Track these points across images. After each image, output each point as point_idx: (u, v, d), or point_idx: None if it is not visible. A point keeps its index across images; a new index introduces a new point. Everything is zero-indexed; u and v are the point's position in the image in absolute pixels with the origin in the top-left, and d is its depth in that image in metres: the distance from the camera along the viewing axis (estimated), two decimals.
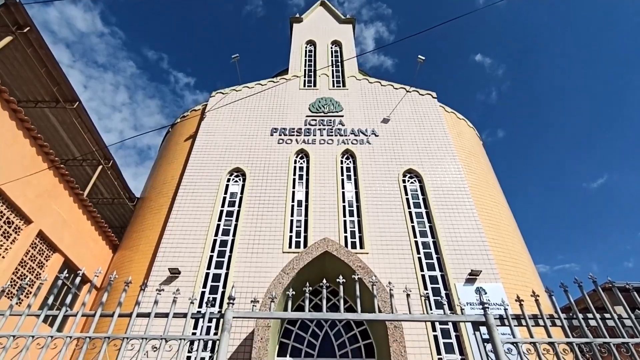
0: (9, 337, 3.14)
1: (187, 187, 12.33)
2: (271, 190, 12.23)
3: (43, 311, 3.35)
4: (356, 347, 8.95)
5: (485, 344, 3.27)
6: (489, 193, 12.84)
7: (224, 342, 3.20)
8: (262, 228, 11.17)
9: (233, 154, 13.36)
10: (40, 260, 9.44)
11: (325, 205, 11.77)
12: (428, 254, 10.70)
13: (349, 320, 8.87)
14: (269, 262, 10.29)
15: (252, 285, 9.72)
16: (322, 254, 9.15)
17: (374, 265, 9.82)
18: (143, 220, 12.33)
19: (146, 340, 3.16)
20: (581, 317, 3.28)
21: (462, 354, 8.80)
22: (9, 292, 8.18)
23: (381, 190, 12.20)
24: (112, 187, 14.23)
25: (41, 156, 9.48)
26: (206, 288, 9.98)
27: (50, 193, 9.74)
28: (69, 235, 10.27)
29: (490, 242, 10.91)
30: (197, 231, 11.11)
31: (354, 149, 13.46)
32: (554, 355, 3.10)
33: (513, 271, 10.46)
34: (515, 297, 3.43)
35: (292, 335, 9.12)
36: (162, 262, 10.35)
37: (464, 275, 10.01)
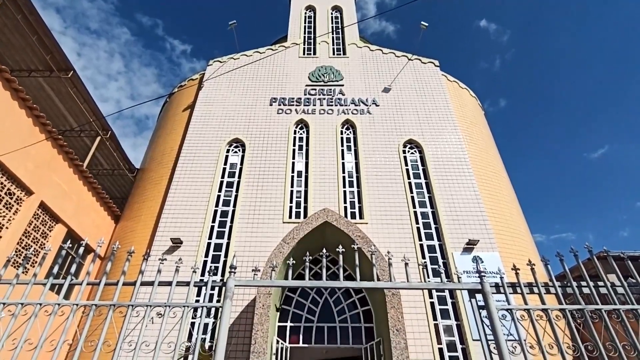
0: (17, 304, 3.23)
1: (186, 158, 12.30)
2: (271, 161, 12.21)
3: (49, 280, 3.42)
4: (355, 314, 9.24)
5: (480, 310, 3.36)
6: (489, 163, 12.83)
7: (227, 309, 3.29)
8: (262, 199, 11.24)
9: (232, 125, 13.23)
10: (44, 231, 9.56)
11: (325, 176, 11.79)
12: (427, 223, 10.83)
13: (348, 288, 9.09)
14: (269, 232, 10.43)
15: (253, 254, 9.91)
16: (322, 224, 9.25)
17: (373, 235, 9.97)
18: (144, 191, 12.39)
19: (151, 308, 3.25)
20: (575, 285, 3.35)
21: (457, 320, 9.09)
22: (14, 262, 8.35)
23: (381, 161, 12.18)
24: (111, 158, 14.19)
25: (38, 127, 9.38)
26: (208, 257, 10.17)
27: (49, 164, 9.72)
28: (70, 206, 10.35)
29: (489, 212, 11.01)
30: (197, 202, 11.19)
31: (354, 119, 13.32)
32: (546, 321, 3.19)
33: (510, 241, 10.63)
34: (511, 265, 3.50)
35: (293, 302, 9.38)
36: (164, 232, 10.49)
37: (462, 245, 10.18)
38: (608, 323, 3.12)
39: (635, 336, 3.06)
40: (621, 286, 3.37)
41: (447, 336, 8.87)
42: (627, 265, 3.51)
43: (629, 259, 3.56)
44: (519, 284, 3.45)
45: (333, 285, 3.71)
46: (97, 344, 3.00)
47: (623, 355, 2.99)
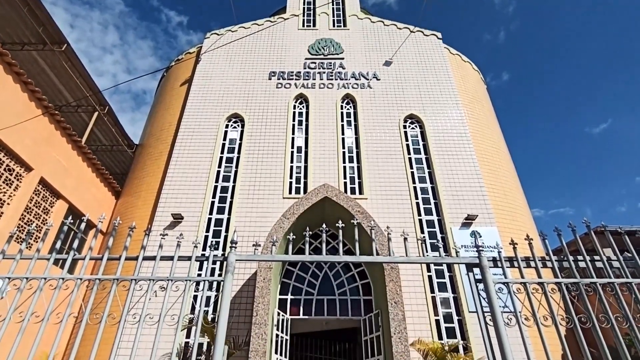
0: (22, 279, 3.28)
1: (185, 134, 12.21)
2: (270, 136, 12.13)
3: (52, 255, 3.47)
4: (354, 287, 9.44)
5: (477, 283, 3.42)
6: (489, 138, 12.75)
7: (228, 282, 3.36)
8: (262, 174, 11.25)
9: (231, 99, 13.06)
10: (45, 207, 9.62)
11: (325, 152, 11.74)
12: (426, 199, 10.89)
13: (348, 262, 9.24)
14: (269, 207, 10.49)
15: (253, 229, 10.01)
16: (322, 200, 9.30)
17: (372, 211, 10.03)
18: (143, 167, 12.38)
19: (153, 282, 3.31)
20: (571, 259, 3.40)
21: (454, 293, 9.30)
22: (17, 237, 8.44)
23: (381, 136, 12.10)
24: (109, 133, 14.09)
25: (34, 102, 9.26)
26: (209, 232, 10.28)
27: (47, 140, 9.66)
28: (71, 182, 10.36)
29: (488, 187, 11.05)
30: (197, 178, 11.20)
31: (354, 94, 13.14)
32: (542, 294, 3.26)
33: (508, 216, 10.71)
34: (509, 240, 3.54)
35: (293, 276, 9.56)
36: (164, 208, 10.55)
37: (460, 220, 10.26)
38: (602, 296, 3.19)
39: (628, 308, 3.13)
40: (617, 260, 3.42)
41: (444, 308, 9.09)
42: (624, 240, 3.55)
43: (626, 234, 3.60)
44: (516, 258, 3.50)
45: (333, 259, 3.76)
46: (102, 316, 3.07)
47: (615, 326, 3.07)
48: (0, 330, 2.97)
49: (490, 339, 3.23)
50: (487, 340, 3.23)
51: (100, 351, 2.73)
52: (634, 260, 3.41)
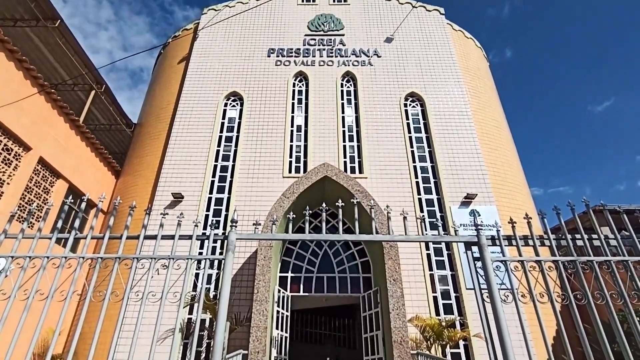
0: (25, 257, 3.32)
1: (184, 113, 12.10)
2: (270, 115, 12.02)
3: (54, 234, 3.49)
4: (353, 265, 9.57)
5: (475, 261, 3.46)
6: (491, 117, 12.64)
7: (229, 261, 3.39)
8: (261, 153, 11.21)
9: (229, 77, 12.87)
10: (45, 186, 9.63)
11: (324, 131, 11.67)
12: (426, 178, 10.89)
13: (347, 241, 9.34)
14: (269, 186, 10.51)
15: (253, 208, 10.06)
16: (322, 179, 9.31)
17: (372, 189, 10.05)
18: (143, 147, 12.33)
19: (155, 260, 3.34)
20: (569, 237, 3.43)
21: (452, 270, 9.44)
22: (19, 217, 8.49)
23: (382, 115, 11.99)
24: (107, 112, 13.94)
25: (29, 80, 9.12)
26: (209, 211, 10.34)
27: (45, 119, 9.57)
28: (70, 162, 10.33)
29: (488, 166, 11.03)
30: (197, 157, 11.17)
31: (354, 71, 12.93)
32: (539, 271, 3.30)
33: (508, 195, 10.75)
34: (508, 219, 3.55)
35: (294, 254, 9.68)
36: (164, 187, 10.58)
37: (460, 199, 10.30)
38: (598, 273, 3.23)
39: (623, 285, 3.18)
40: (614, 239, 3.45)
41: (442, 285, 9.25)
42: (622, 219, 3.56)
43: (625, 213, 3.61)
44: (514, 237, 3.52)
45: (332, 238, 3.79)
46: (106, 294, 3.13)
47: (610, 303, 3.13)
48: (6, 308, 3.02)
49: (486, 315, 3.29)
50: (484, 316, 3.30)
51: (104, 327, 2.80)
52: (631, 238, 3.44)
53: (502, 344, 3.06)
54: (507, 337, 3.06)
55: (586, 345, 2.97)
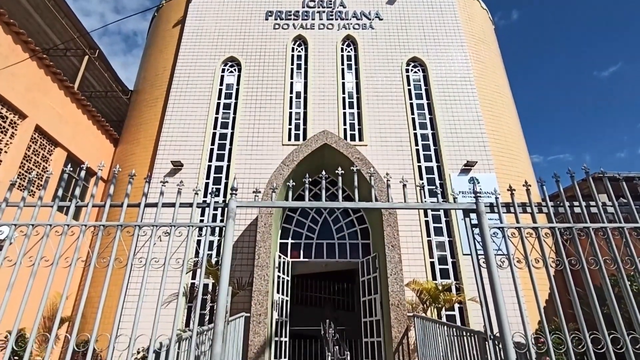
0: (28, 225, 3.36)
1: (180, 79, 11.84)
2: (268, 81, 11.77)
3: (55, 202, 3.51)
4: (353, 231, 9.72)
5: (473, 228, 3.51)
6: (494, 82, 12.39)
7: (230, 228, 3.44)
8: (260, 120, 11.09)
9: (226, 42, 12.48)
10: (44, 155, 9.59)
11: (324, 97, 11.47)
12: (426, 145, 10.84)
13: (347, 208, 9.42)
14: (268, 154, 10.48)
15: (253, 176, 10.08)
16: (322, 147, 9.27)
17: (372, 157, 10.03)
18: (140, 114, 12.16)
19: (157, 227, 3.39)
20: (567, 204, 3.45)
21: (449, 237, 9.60)
22: (19, 185, 8.52)
23: (383, 81, 11.75)
24: (102, 79, 13.64)
25: (20, 45, 8.85)
26: (209, 179, 10.36)
27: (39, 86, 9.38)
28: (67, 130, 10.23)
29: (489, 133, 10.95)
30: (195, 124, 11.05)
31: (355, 35, 12.53)
32: (535, 238, 3.35)
33: (508, 162, 10.73)
34: (507, 186, 3.57)
35: (294, 221, 9.81)
36: (163, 155, 10.54)
37: (460, 166, 10.31)
38: (594, 240, 3.28)
39: (618, 251, 3.24)
40: (612, 206, 3.48)
41: (439, 251, 9.44)
42: (621, 186, 3.58)
43: (624, 180, 3.62)
44: (512, 204, 3.55)
45: (332, 205, 3.82)
46: (109, 260, 3.19)
47: (603, 268, 3.20)
48: (12, 274, 3.09)
49: (482, 279, 3.38)
50: (480, 280, 3.39)
51: (110, 292, 2.90)
52: (628, 205, 3.47)
53: (496, 306, 3.16)
54: (501, 301, 3.16)
55: (577, 307, 3.07)
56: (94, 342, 2.94)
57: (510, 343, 2.99)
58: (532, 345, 2.97)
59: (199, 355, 4.17)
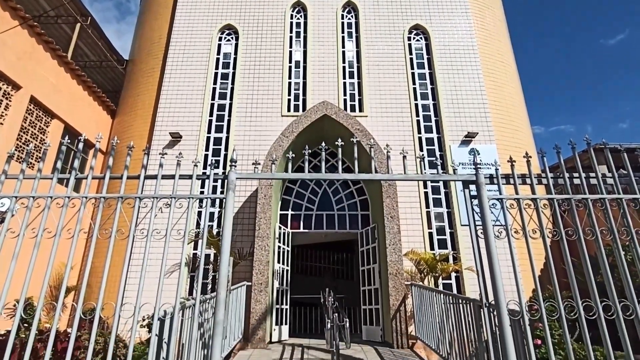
0: (29, 197, 3.37)
1: (176, 48, 11.53)
2: (266, 50, 11.47)
3: (55, 174, 3.51)
4: (352, 203, 9.78)
5: (472, 199, 3.53)
6: (497, 51, 12.08)
7: (230, 200, 3.45)
8: (259, 91, 10.90)
9: (222, 8, 12.06)
10: (41, 127, 9.50)
11: (324, 67, 11.22)
12: (427, 116, 10.71)
13: (347, 180, 9.41)
14: (268, 125, 10.38)
15: (252, 148, 10.02)
16: (321, 118, 9.17)
17: (372, 128, 9.93)
18: (137, 85, 11.94)
19: (157, 199, 3.40)
20: (567, 176, 3.45)
21: (448, 208, 9.68)
22: (18, 157, 8.48)
23: (384, 49, 11.45)
24: (96, 48, 13.29)
25: (8, 12, 8.55)
26: (209, 151, 10.31)
27: (31, 56, 9.15)
28: (63, 101, 10.07)
29: (491, 103, 10.80)
30: (193, 95, 10.87)
31: (356, 1, 12.09)
32: (534, 209, 3.38)
33: (509, 133, 10.65)
34: (507, 157, 3.56)
35: (293, 193, 9.86)
36: (162, 126, 10.44)
37: (460, 137, 10.24)
38: (591, 211, 3.31)
39: (615, 222, 3.27)
40: (611, 177, 3.48)
41: (438, 222, 9.54)
42: (622, 157, 3.56)
43: (625, 151, 3.60)
44: (512, 176, 3.55)
45: (332, 177, 3.83)
46: (111, 232, 3.23)
47: (599, 238, 3.25)
48: (16, 245, 3.13)
49: (479, 249, 3.44)
50: (477, 250, 3.44)
51: (114, 262, 2.95)
52: (628, 177, 3.47)
53: (492, 275, 3.23)
54: (497, 270, 3.23)
55: (572, 276, 3.14)
56: (100, 310, 3.02)
57: (504, 310, 3.08)
58: (525, 312, 3.06)
59: (203, 322, 4.30)
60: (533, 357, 2.94)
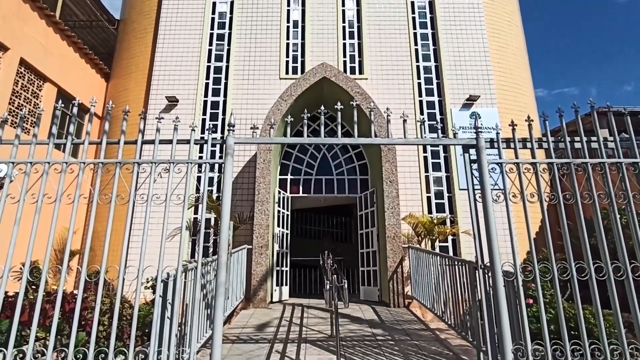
0: (26, 163, 3.35)
1: (169, 7, 11.04)
2: (263, 8, 11.00)
3: (51, 140, 3.47)
4: (351, 167, 9.78)
5: (472, 164, 3.52)
6: (504, 9, 11.60)
7: (229, 165, 3.44)
8: (256, 52, 10.57)
9: None
10: (33, 90, 9.28)
11: (323, 27, 10.82)
12: (428, 79, 10.47)
13: (346, 144, 9.38)
14: (265, 88, 10.16)
15: (250, 112, 9.87)
16: (320, 80, 8.98)
17: (372, 91, 9.74)
18: (129, 46, 11.54)
19: (156, 164, 3.39)
20: (568, 140, 3.42)
21: (447, 172, 9.69)
22: (12, 122, 8.36)
23: (385, 8, 10.99)
24: (85, 7, 12.72)
25: None
26: (206, 115, 10.16)
27: (17, 15, 8.77)
28: (54, 64, 9.77)
29: (494, 66, 10.52)
30: (188, 57, 10.55)
31: None
32: (533, 173, 3.38)
33: (511, 96, 10.46)
34: (509, 121, 3.51)
35: (292, 158, 9.83)
36: (157, 90, 10.22)
37: (462, 101, 10.07)
38: (590, 175, 3.31)
39: (613, 186, 3.29)
40: (612, 141, 3.45)
41: (436, 186, 9.59)
42: (625, 121, 3.52)
43: (629, 115, 3.55)
44: (513, 140, 3.52)
45: (331, 141, 3.79)
46: (111, 197, 3.24)
47: (596, 201, 3.27)
48: (17, 210, 3.15)
49: (477, 213, 3.48)
50: (475, 214, 3.48)
51: (116, 227, 2.99)
52: (630, 140, 3.44)
53: (488, 238, 3.29)
54: (494, 233, 3.28)
55: (567, 238, 3.19)
56: (104, 273, 3.10)
57: (499, 271, 3.16)
58: (519, 273, 3.14)
59: (205, 284, 4.43)
60: (524, 315, 3.06)
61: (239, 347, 4.84)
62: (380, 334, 5.54)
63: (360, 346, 4.86)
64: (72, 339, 2.92)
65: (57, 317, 2.95)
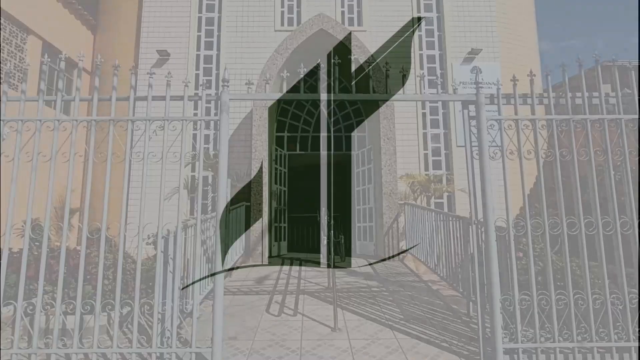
0: (17, 121, 3.28)
1: None
2: None
3: (40, 96, 3.37)
4: (349, 124, 9.67)
5: (471, 120, 3.48)
6: None
7: (224, 122, 3.39)
8: (249, 2, 10.04)
9: None
10: (17, 44, 8.88)
11: None
12: (430, 31, 10.07)
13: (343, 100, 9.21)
14: (260, 41, 9.77)
15: (245, 66, 9.55)
16: (317, 33, 8.62)
17: (371, 44, 9.38)
18: None
19: (150, 122, 3.33)
20: (569, 95, 3.37)
21: (445, 129, 9.62)
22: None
23: None
24: None
25: None
26: (199, 70, 9.85)
27: None
28: (37, 14, 9.26)
29: (499, 16, 10.08)
30: (178, 7, 10.02)
31: None
32: (531, 130, 3.36)
33: (514, 50, 10.13)
34: (511, 76, 3.42)
35: (289, 114, 9.67)
36: (147, 43, 9.81)
37: (463, 55, 9.76)
38: (589, 131, 3.30)
39: (610, 142, 3.28)
40: (614, 97, 3.40)
41: (434, 143, 9.56)
42: (630, 75, 3.44)
43: (634, 69, 3.47)
44: (513, 95, 3.46)
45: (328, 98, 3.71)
46: (107, 156, 3.21)
47: (592, 158, 3.28)
48: (13, 169, 3.14)
49: (473, 170, 3.50)
50: (471, 171, 3.50)
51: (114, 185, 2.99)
52: (631, 96, 3.39)
53: (483, 195, 3.34)
54: (489, 190, 3.32)
55: (560, 194, 3.24)
56: (105, 230, 3.15)
57: (492, 226, 3.24)
58: (512, 228, 3.22)
59: (205, 239, 4.53)
60: (514, 267, 3.18)
61: (240, 299, 5.06)
62: (375, 286, 5.78)
63: (356, 297, 5.08)
64: (79, 291, 3.03)
65: (62, 271, 3.04)
